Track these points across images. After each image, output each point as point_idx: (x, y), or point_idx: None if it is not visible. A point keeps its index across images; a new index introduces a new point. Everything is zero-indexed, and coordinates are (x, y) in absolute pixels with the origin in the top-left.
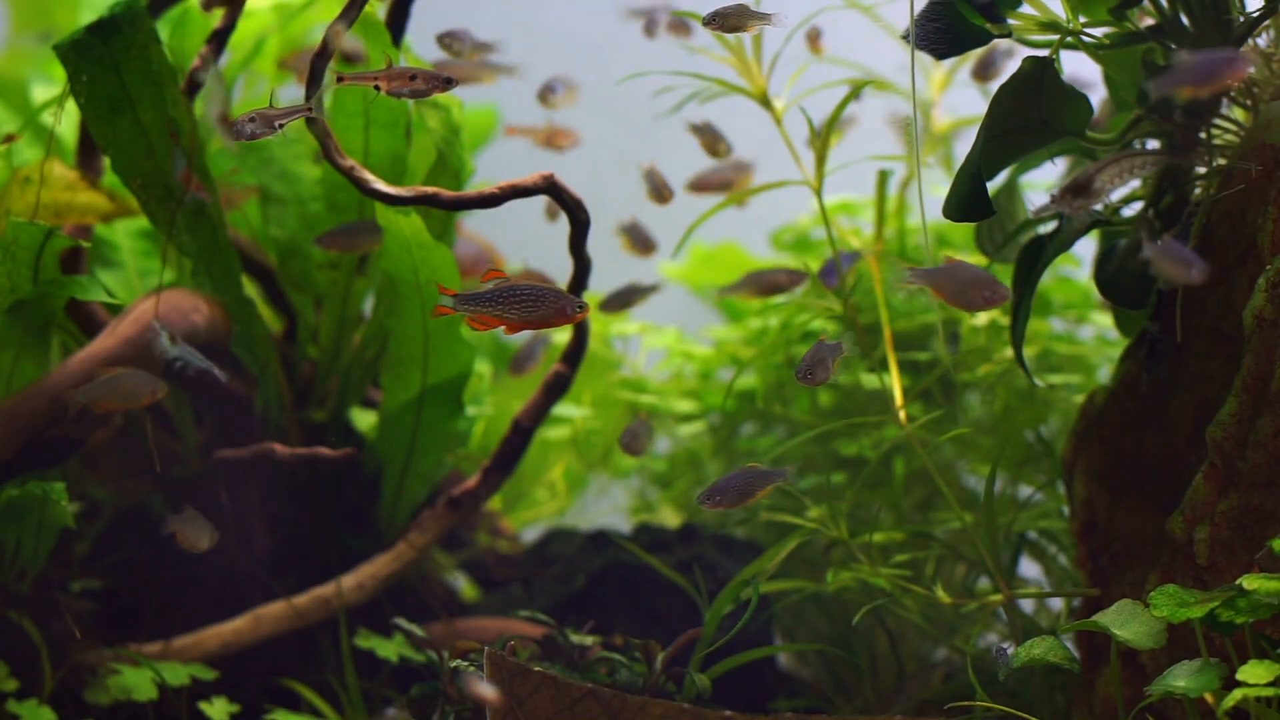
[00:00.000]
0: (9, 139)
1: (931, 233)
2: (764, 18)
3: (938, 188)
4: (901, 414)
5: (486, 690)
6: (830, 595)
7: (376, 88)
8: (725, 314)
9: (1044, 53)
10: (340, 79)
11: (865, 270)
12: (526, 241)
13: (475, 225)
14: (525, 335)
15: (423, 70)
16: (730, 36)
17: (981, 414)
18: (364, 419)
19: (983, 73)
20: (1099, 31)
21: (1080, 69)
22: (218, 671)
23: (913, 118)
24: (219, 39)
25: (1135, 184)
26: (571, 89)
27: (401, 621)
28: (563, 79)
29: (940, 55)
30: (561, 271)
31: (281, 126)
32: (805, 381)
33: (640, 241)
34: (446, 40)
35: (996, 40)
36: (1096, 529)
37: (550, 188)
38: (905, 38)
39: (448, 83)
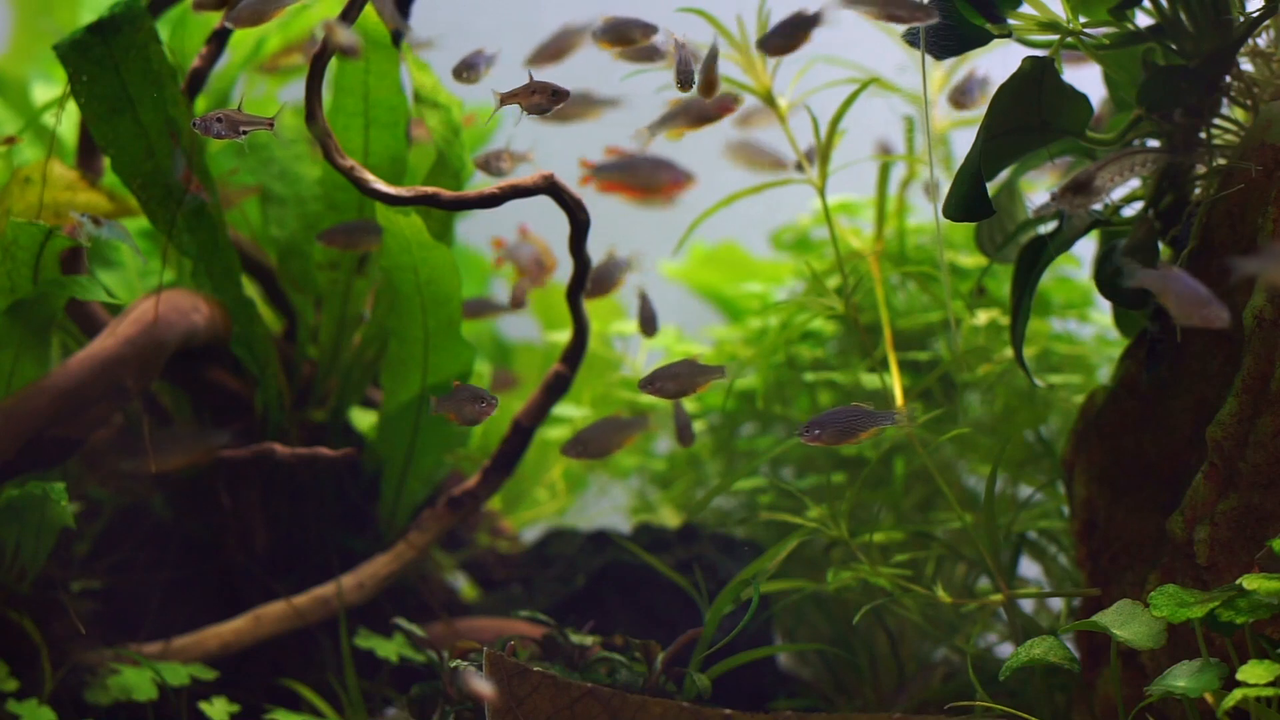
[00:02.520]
0: (9, 140)
1: (931, 233)
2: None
3: None
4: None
5: (483, 686)
6: (830, 595)
7: (520, 106)
8: (725, 314)
9: (1044, 53)
10: (503, 101)
11: (866, 270)
12: None
13: (475, 225)
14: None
15: (540, 84)
16: (735, 34)
17: (981, 414)
18: (364, 419)
19: (960, 100)
20: (1099, 31)
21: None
22: (218, 671)
23: (917, 116)
24: (219, 39)
25: (1135, 183)
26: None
27: (401, 621)
28: (484, 54)
29: (940, 55)
30: (561, 271)
31: (245, 133)
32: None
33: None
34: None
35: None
36: (1096, 529)
37: (550, 188)
38: (906, 37)
39: (555, 96)
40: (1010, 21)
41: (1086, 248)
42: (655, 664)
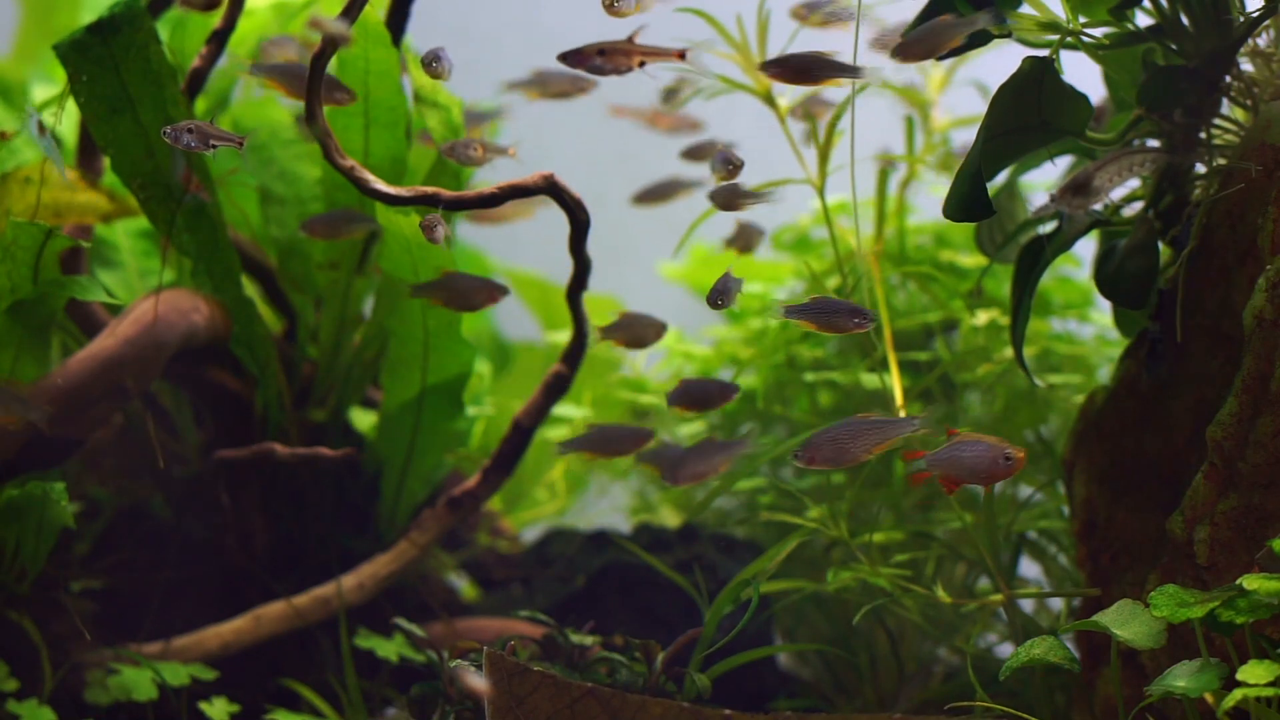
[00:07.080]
0: (3, 136)
1: (931, 233)
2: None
3: (937, 188)
4: (902, 414)
5: (478, 682)
6: (830, 595)
7: None
8: (725, 314)
9: (1044, 52)
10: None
11: (866, 270)
12: (526, 242)
13: (475, 225)
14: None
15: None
16: (735, 34)
17: (981, 414)
18: (364, 419)
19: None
20: (1099, 31)
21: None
22: (218, 671)
23: (916, 116)
24: (219, 39)
25: (1135, 184)
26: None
27: (401, 621)
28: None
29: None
30: (561, 271)
31: (214, 147)
32: (714, 307)
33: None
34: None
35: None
36: (1096, 529)
37: (550, 188)
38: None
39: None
40: (1010, 21)
41: (1086, 248)
42: (655, 664)
